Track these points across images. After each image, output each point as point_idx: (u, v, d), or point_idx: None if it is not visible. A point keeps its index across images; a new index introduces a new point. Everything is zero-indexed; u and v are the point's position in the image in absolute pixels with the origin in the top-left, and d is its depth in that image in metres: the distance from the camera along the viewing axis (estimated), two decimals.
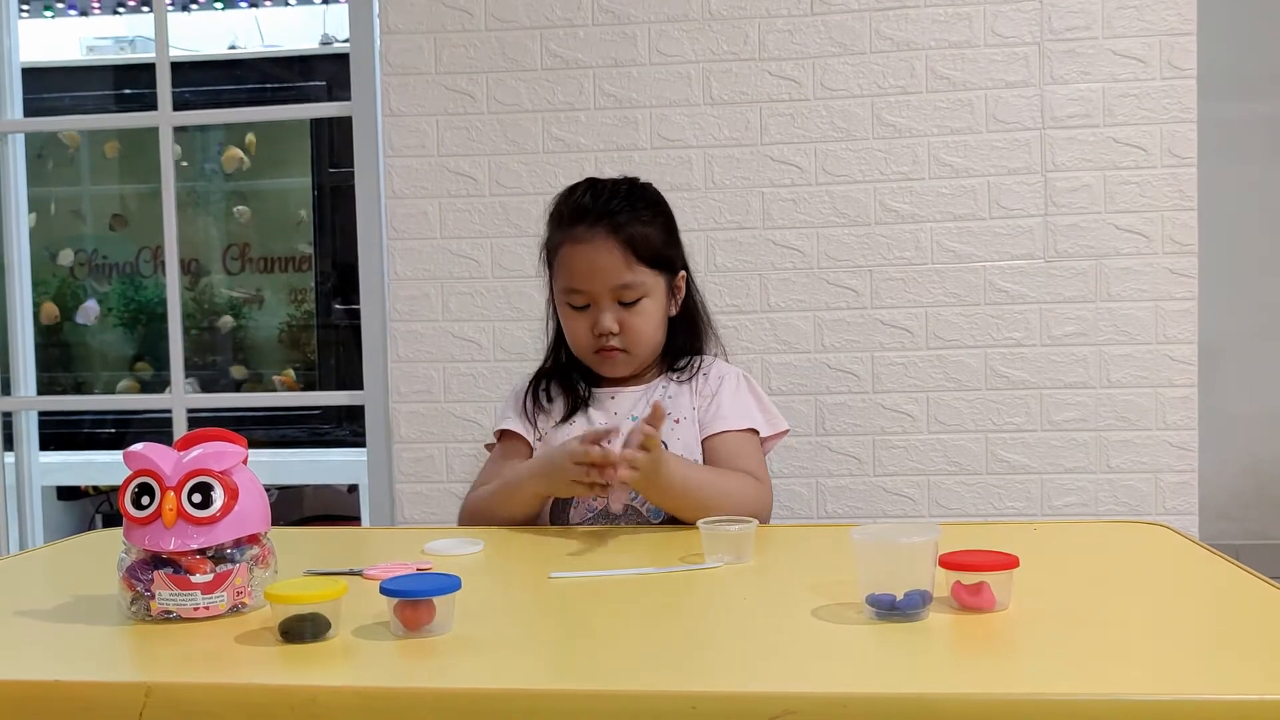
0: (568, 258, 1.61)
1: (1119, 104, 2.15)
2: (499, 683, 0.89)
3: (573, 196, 1.67)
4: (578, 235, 1.60)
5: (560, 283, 1.64)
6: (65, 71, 3.82)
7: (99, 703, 0.89)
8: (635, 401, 1.65)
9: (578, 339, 1.63)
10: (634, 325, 1.61)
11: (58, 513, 3.77)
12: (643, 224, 1.62)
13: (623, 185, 1.68)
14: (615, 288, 1.59)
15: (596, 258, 1.58)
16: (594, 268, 1.59)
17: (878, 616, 1.00)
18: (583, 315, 1.61)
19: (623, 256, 1.59)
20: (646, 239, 1.62)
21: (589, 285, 1.59)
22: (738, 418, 1.62)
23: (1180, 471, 2.17)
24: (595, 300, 1.60)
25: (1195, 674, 0.89)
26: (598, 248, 1.58)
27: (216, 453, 1.09)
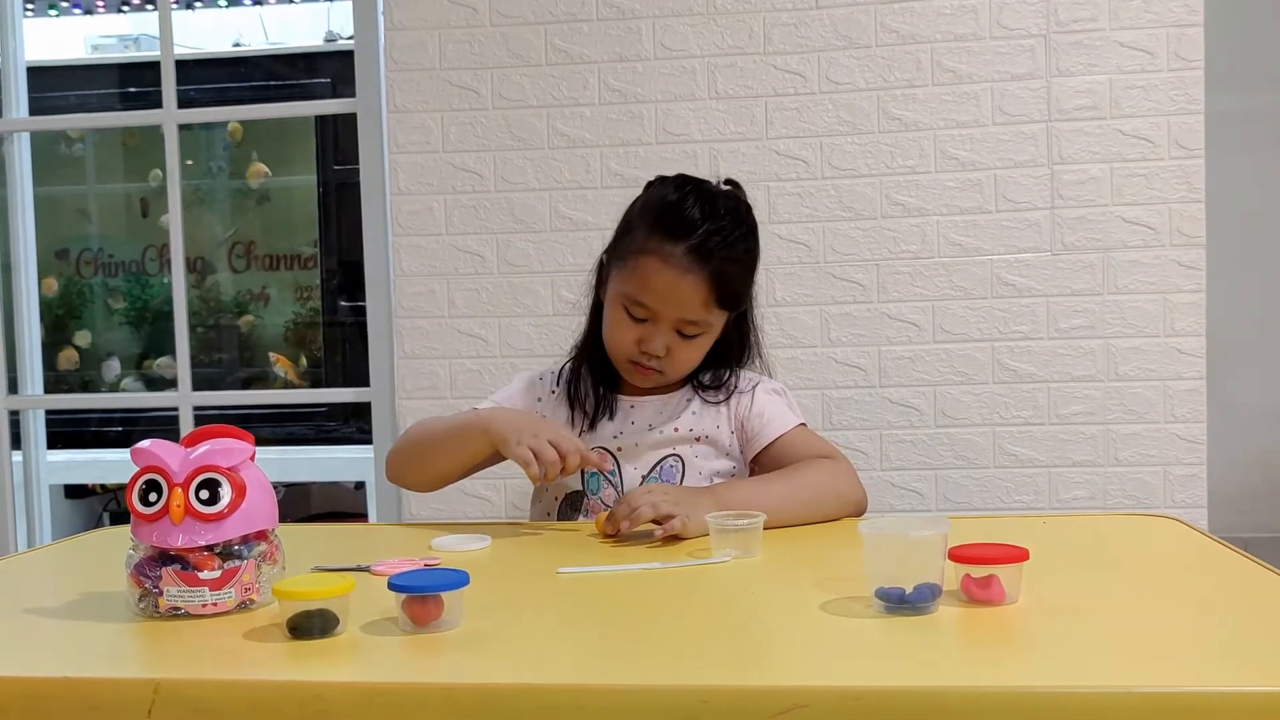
0: (650, 271, 1.51)
1: (1126, 96, 2.15)
2: (508, 678, 0.89)
3: (680, 207, 1.53)
4: (671, 257, 1.50)
5: (628, 286, 1.54)
6: (70, 70, 3.82)
7: (108, 699, 0.89)
8: (656, 412, 1.62)
9: (620, 345, 1.56)
10: (682, 355, 1.56)
11: (65, 511, 3.78)
12: (736, 263, 1.54)
13: (726, 206, 1.56)
14: (683, 320, 1.53)
15: (681, 288, 1.50)
16: (673, 296, 1.50)
17: (887, 610, 0.99)
18: (635, 326, 1.54)
19: (705, 296, 1.51)
20: (733, 282, 1.53)
21: (659, 308, 1.51)
22: (782, 420, 1.60)
23: (1189, 464, 2.16)
24: (656, 320, 1.52)
25: (1207, 666, 0.89)
26: (685, 279, 1.49)
27: (224, 449, 1.09)
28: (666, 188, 1.60)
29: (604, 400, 1.62)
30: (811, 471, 1.51)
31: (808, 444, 1.58)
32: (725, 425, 1.61)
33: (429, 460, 1.56)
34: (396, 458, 1.61)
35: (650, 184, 1.65)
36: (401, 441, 1.63)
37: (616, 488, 1.59)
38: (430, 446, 1.55)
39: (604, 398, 1.62)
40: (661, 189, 1.60)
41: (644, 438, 1.59)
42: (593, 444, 1.59)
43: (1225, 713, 0.79)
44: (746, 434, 1.61)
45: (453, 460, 1.54)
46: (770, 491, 1.47)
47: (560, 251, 2.27)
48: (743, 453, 1.62)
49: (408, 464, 1.59)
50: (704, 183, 1.60)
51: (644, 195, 1.63)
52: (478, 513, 2.26)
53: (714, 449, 1.61)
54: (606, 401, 1.62)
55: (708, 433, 1.60)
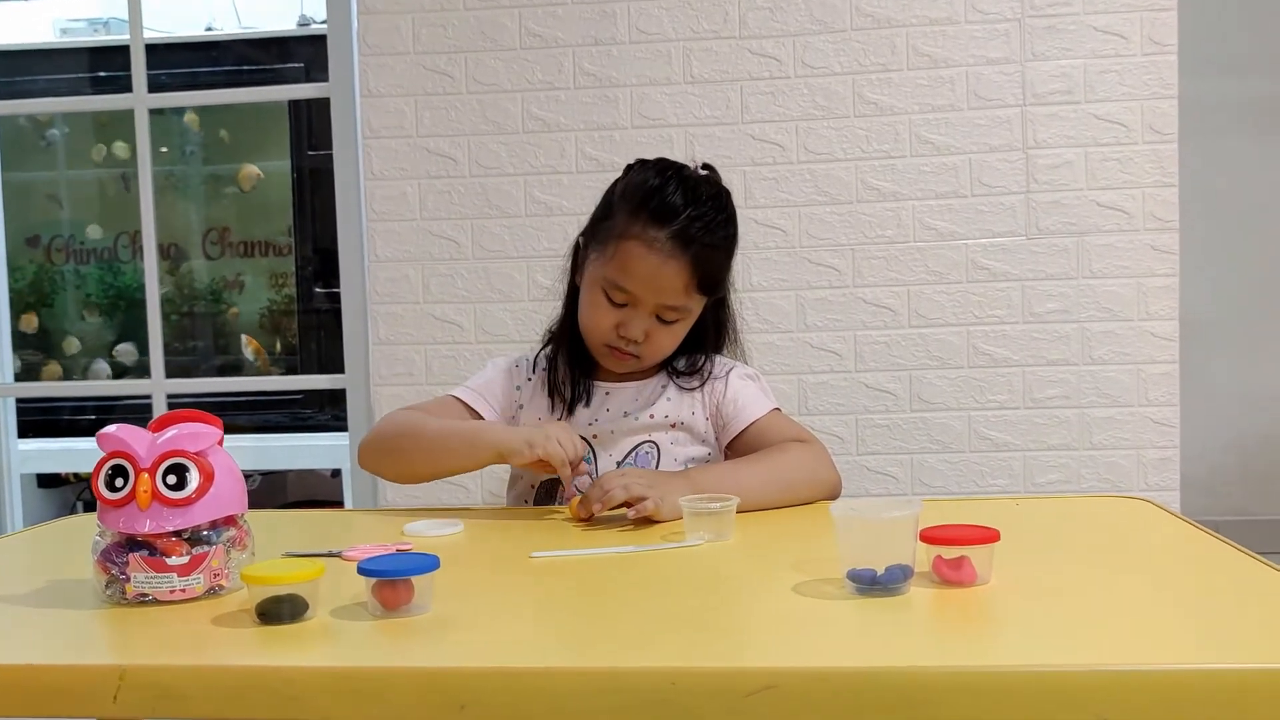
0: (632, 256, 1.50)
1: (1100, 80, 2.15)
2: (478, 662, 0.88)
3: (663, 192, 1.52)
4: (653, 242, 1.49)
5: (609, 271, 1.52)
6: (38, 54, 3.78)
7: (73, 686, 0.88)
8: (631, 398, 1.62)
9: (597, 328, 1.55)
10: (659, 340, 1.55)
11: (38, 500, 3.75)
12: (717, 249, 1.53)
13: (708, 192, 1.55)
14: (663, 306, 1.52)
15: (663, 274, 1.49)
16: (655, 282, 1.50)
17: (858, 591, 0.99)
18: (614, 311, 1.53)
19: (686, 282, 1.50)
20: (714, 267, 1.54)
21: (640, 293, 1.51)
22: (756, 405, 1.60)
23: (1162, 448, 2.17)
24: (635, 305, 1.52)
25: (1178, 646, 0.89)
26: (668, 265, 1.49)
27: (191, 434, 1.08)
28: (647, 172, 1.58)
29: (581, 387, 1.61)
30: (785, 455, 1.51)
31: (782, 429, 1.58)
32: (700, 411, 1.61)
33: (417, 461, 1.54)
34: (375, 449, 1.57)
35: (630, 167, 1.64)
36: (382, 434, 1.58)
37: (592, 474, 1.58)
38: (420, 448, 1.53)
39: (581, 384, 1.61)
40: (642, 173, 1.59)
41: (620, 424, 1.58)
42: None
43: (1197, 691, 0.79)
44: (721, 420, 1.61)
45: (448, 465, 1.54)
46: (744, 475, 1.47)
47: (535, 236, 2.26)
48: (718, 439, 1.62)
49: (390, 459, 1.56)
50: (684, 167, 1.59)
51: (624, 179, 1.62)
52: (455, 500, 2.25)
53: (689, 435, 1.60)
54: (584, 387, 1.61)
55: (683, 419, 1.60)
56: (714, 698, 0.82)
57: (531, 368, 1.67)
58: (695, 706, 0.82)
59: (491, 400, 1.63)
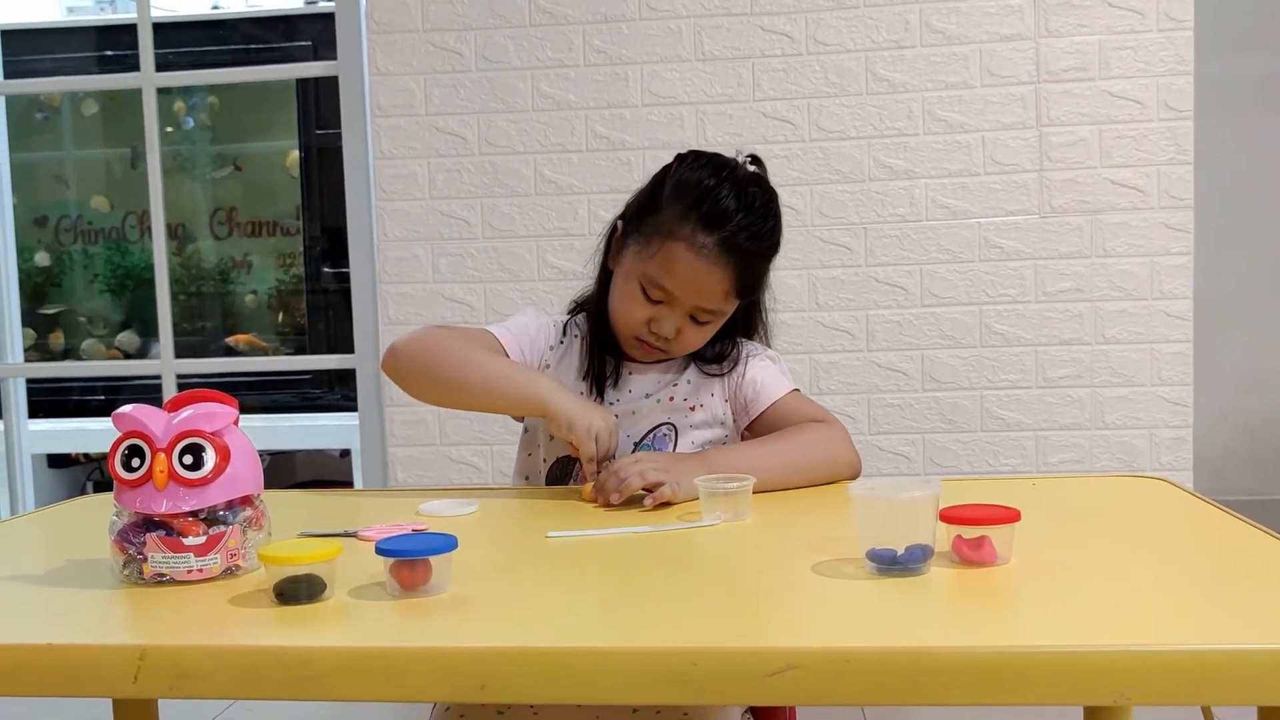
0: (677, 257, 1.46)
1: (1115, 57, 2.13)
2: (496, 642, 0.88)
3: (716, 195, 1.47)
4: (701, 247, 1.45)
5: (650, 268, 1.48)
6: (45, 33, 3.77)
7: (93, 665, 0.88)
8: (653, 381, 1.60)
9: (629, 320, 1.52)
10: (689, 338, 1.53)
11: (49, 480, 3.76)
12: (762, 256, 1.50)
13: (760, 198, 1.51)
14: (699, 308, 1.49)
15: (706, 280, 1.46)
16: (696, 286, 1.47)
17: (878, 571, 0.99)
18: (649, 306, 1.49)
19: (727, 288, 1.48)
20: (757, 276, 1.51)
21: (680, 294, 1.47)
22: (775, 387, 1.59)
23: (1175, 427, 2.16)
24: (671, 304, 1.49)
25: (1198, 625, 0.89)
26: (712, 272, 1.46)
27: (207, 414, 1.07)
28: (701, 171, 1.53)
29: (609, 367, 1.59)
30: (804, 435, 1.50)
31: (801, 409, 1.57)
32: (719, 394, 1.60)
33: (454, 387, 1.49)
34: (411, 361, 1.51)
35: (682, 160, 1.57)
36: (423, 348, 1.51)
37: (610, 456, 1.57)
38: (465, 377, 1.48)
39: (609, 364, 1.59)
40: (695, 171, 1.53)
41: (640, 405, 1.57)
42: None
43: (1218, 671, 0.79)
44: (740, 402, 1.60)
45: (484, 402, 1.50)
46: (761, 455, 1.46)
47: (545, 215, 2.25)
48: (736, 421, 1.61)
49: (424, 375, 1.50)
50: (736, 165, 1.54)
51: (676, 173, 1.55)
52: (464, 479, 2.25)
53: (707, 418, 1.59)
54: (613, 369, 1.59)
55: (702, 402, 1.59)
56: (735, 678, 0.81)
57: (561, 332, 1.64)
58: (717, 686, 0.81)
59: (526, 349, 1.59)
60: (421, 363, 1.52)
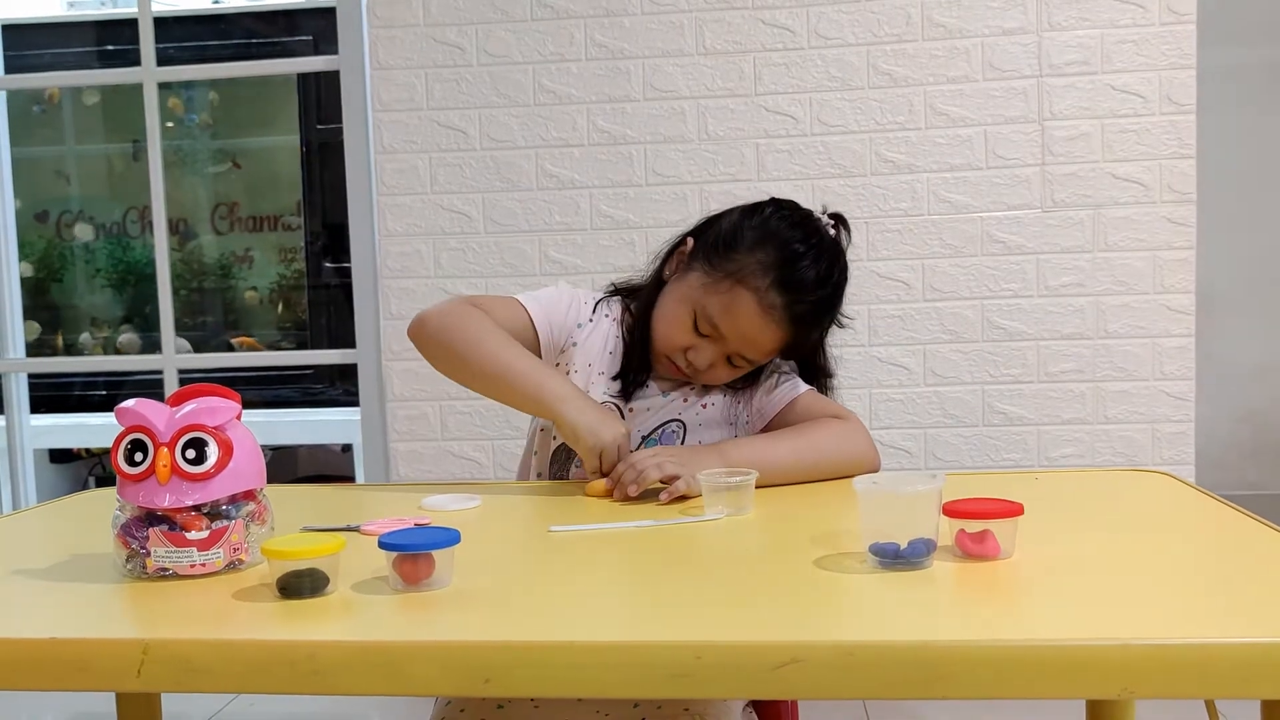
0: (741, 305, 1.46)
1: (1117, 50, 2.13)
2: (500, 636, 0.88)
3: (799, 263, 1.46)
4: (770, 307, 1.45)
5: (709, 304, 1.48)
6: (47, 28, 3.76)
7: (97, 660, 0.88)
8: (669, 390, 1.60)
9: (669, 341, 1.52)
10: (718, 374, 1.52)
11: (51, 475, 3.76)
12: (820, 328, 1.52)
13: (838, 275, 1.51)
14: (740, 354, 1.50)
15: (761, 336, 1.47)
16: (750, 338, 1.47)
17: (882, 565, 0.99)
18: (692, 334, 1.49)
19: (776, 347, 1.49)
20: (806, 345, 1.53)
21: (730, 338, 1.48)
22: (791, 387, 1.58)
23: (1177, 422, 2.16)
24: (716, 341, 1.49)
25: (1202, 619, 0.89)
26: (769, 330, 1.46)
27: (209, 408, 1.07)
28: (791, 231, 1.51)
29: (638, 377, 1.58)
30: (820, 430, 1.50)
31: (818, 405, 1.57)
32: (731, 394, 1.60)
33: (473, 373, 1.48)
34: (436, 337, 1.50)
35: (771, 209, 1.55)
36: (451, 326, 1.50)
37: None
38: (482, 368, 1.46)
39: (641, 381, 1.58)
40: (785, 230, 1.51)
41: (652, 400, 1.57)
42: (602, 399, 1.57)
43: (1222, 665, 0.79)
44: (756, 403, 1.59)
45: (498, 395, 1.49)
46: (776, 449, 1.45)
47: (547, 210, 2.25)
48: (751, 422, 1.61)
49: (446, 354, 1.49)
50: (822, 229, 1.53)
51: (763, 221, 1.53)
52: (466, 474, 2.25)
53: (717, 416, 1.59)
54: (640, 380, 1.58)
55: (712, 400, 1.59)
56: (739, 672, 0.81)
57: (592, 310, 1.63)
58: (721, 680, 0.81)
59: (553, 324, 1.58)
60: (444, 341, 1.51)
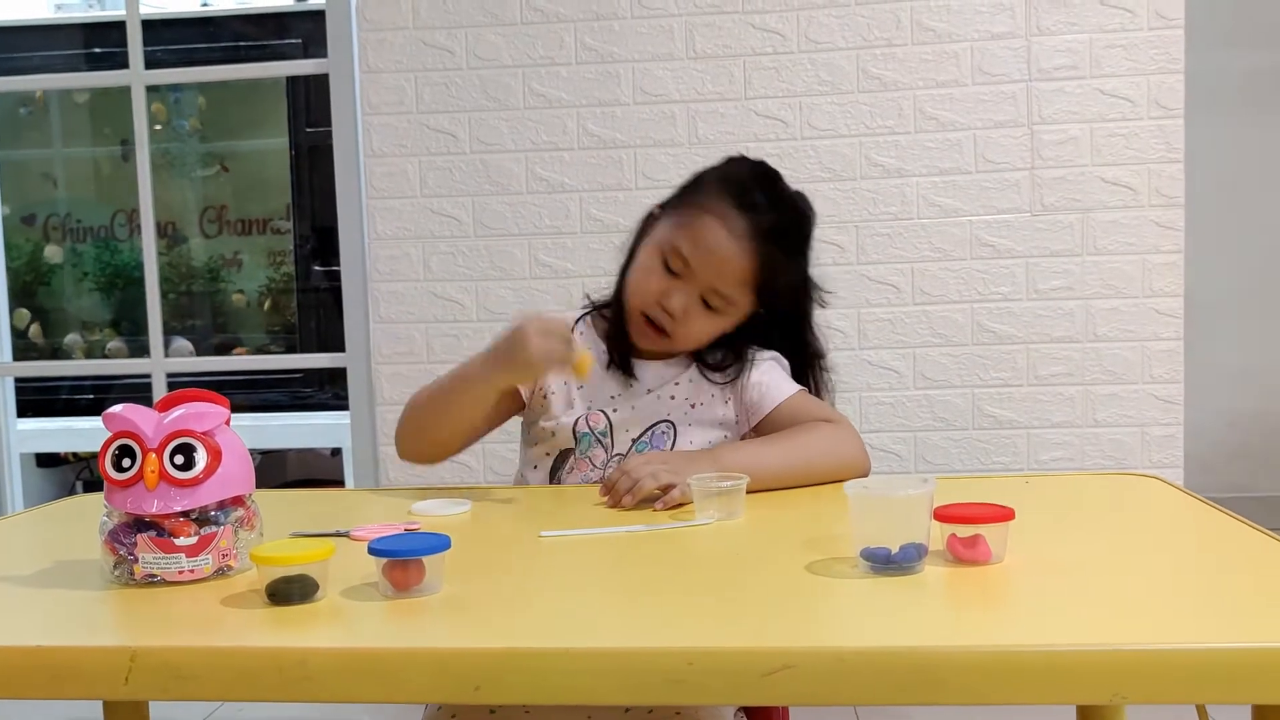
0: (706, 228, 1.49)
1: (1106, 55, 2.13)
2: (490, 642, 0.88)
3: (759, 185, 1.54)
4: (732, 223, 1.49)
5: (676, 236, 1.51)
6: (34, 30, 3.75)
7: (84, 668, 0.87)
8: (655, 376, 1.59)
9: (642, 291, 1.53)
10: (695, 324, 1.53)
11: (37, 480, 3.74)
12: (785, 259, 1.53)
13: (798, 211, 1.56)
14: (714, 290, 1.50)
15: (728, 255, 1.48)
16: (716, 261, 1.49)
17: (873, 570, 0.99)
18: (664, 277, 1.51)
19: (746, 275, 1.49)
20: (775, 274, 1.52)
21: (699, 266, 1.49)
22: (780, 388, 1.58)
23: (1166, 425, 2.17)
24: (687, 279, 1.50)
25: (1193, 624, 0.89)
26: (736, 247, 1.48)
27: (198, 413, 1.07)
28: (751, 167, 1.59)
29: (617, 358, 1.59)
30: (812, 434, 1.50)
31: (808, 409, 1.57)
32: (720, 394, 1.59)
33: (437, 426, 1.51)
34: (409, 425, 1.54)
35: (730, 159, 1.63)
36: (408, 411, 1.55)
37: (607, 448, 1.57)
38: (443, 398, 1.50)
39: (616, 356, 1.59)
40: (747, 168, 1.59)
41: (640, 401, 1.57)
42: (594, 403, 1.58)
43: (1213, 670, 0.79)
44: (746, 404, 1.59)
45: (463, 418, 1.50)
46: (770, 453, 1.46)
47: (537, 214, 2.24)
48: (739, 423, 1.60)
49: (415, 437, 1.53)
50: (781, 178, 1.59)
51: (722, 166, 1.60)
52: (456, 479, 2.25)
53: (707, 417, 1.59)
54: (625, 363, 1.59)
55: (702, 400, 1.58)
56: (731, 678, 0.81)
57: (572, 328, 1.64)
58: (713, 686, 0.81)
59: None
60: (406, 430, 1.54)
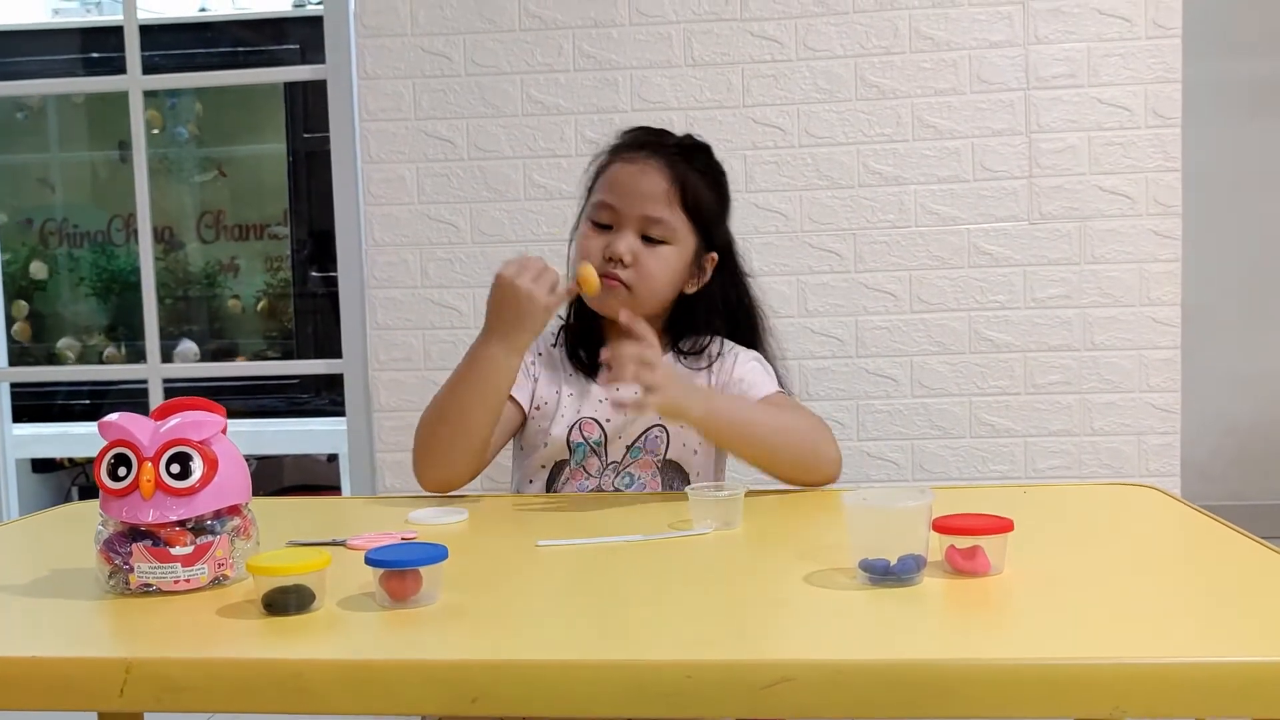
0: (612, 174, 1.59)
1: (1104, 64, 2.13)
2: (488, 654, 0.87)
3: (639, 130, 1.67)
4: (631, 157, 1.58)
5: (593, 199, 1.60)
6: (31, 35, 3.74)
7: (78, 679, 0.87)
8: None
9: (588, 252, 1.57)
10: (648, 264, 1.55)
11: (33, 485, 3.73)
12: (698, 175, 1.60)
13: (693, 139, 1.67)
14: (645, 217, 1.55)
15: (641, 179, 1.56)
16: (634, 187, 1.55)
17: (871, 582, 0.98)
18: (601, 235, 1.56)
19: (666, 190, 1.56)
20: (695, 189, 1.59)
21: (622, 203, 1.55)
22: (763, 386, 1.59)
23: (1163, 434, 2.17)
24: (620, 223, 1.55)
25: (1193, 637, 0.89)
26: (647, 171, 1.56)
27: (194, 422, 1.07)
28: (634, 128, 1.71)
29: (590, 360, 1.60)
30: (797, 415, 1.53)
31: (784, 405, 1.58)
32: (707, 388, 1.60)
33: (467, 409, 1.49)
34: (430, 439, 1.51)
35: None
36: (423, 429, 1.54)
37: (601, 457, 1.58)
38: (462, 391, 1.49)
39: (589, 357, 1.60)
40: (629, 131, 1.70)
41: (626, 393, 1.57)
42: (583, 411, 1.59)
43: (1216, 683, 0.79)
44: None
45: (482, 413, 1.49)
46: (758, 414, 1.50)
47: (535, 221, 2.24)
48: None
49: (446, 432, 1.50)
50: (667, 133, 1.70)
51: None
52: None
53: None
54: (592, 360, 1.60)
55: None
56: (730, 690, 0.81)
57: (539, 345, 1.66)
58: (711, 699, 0.81)
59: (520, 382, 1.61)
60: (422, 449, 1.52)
